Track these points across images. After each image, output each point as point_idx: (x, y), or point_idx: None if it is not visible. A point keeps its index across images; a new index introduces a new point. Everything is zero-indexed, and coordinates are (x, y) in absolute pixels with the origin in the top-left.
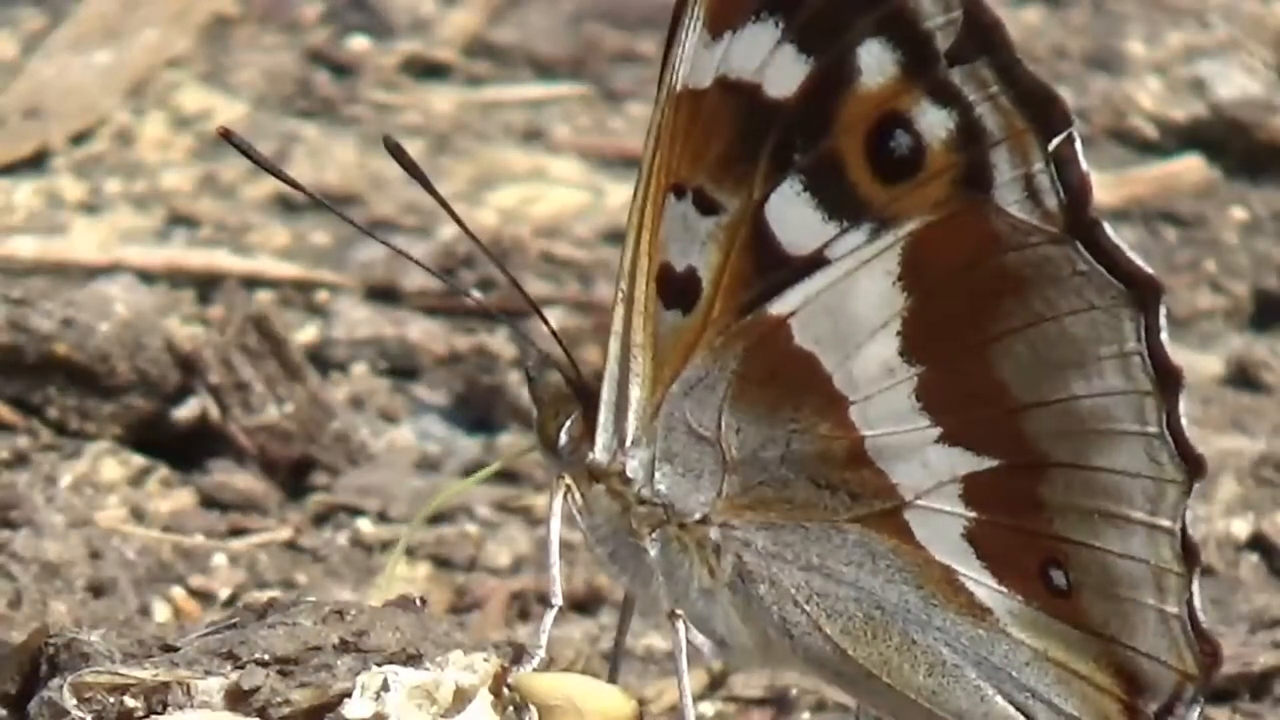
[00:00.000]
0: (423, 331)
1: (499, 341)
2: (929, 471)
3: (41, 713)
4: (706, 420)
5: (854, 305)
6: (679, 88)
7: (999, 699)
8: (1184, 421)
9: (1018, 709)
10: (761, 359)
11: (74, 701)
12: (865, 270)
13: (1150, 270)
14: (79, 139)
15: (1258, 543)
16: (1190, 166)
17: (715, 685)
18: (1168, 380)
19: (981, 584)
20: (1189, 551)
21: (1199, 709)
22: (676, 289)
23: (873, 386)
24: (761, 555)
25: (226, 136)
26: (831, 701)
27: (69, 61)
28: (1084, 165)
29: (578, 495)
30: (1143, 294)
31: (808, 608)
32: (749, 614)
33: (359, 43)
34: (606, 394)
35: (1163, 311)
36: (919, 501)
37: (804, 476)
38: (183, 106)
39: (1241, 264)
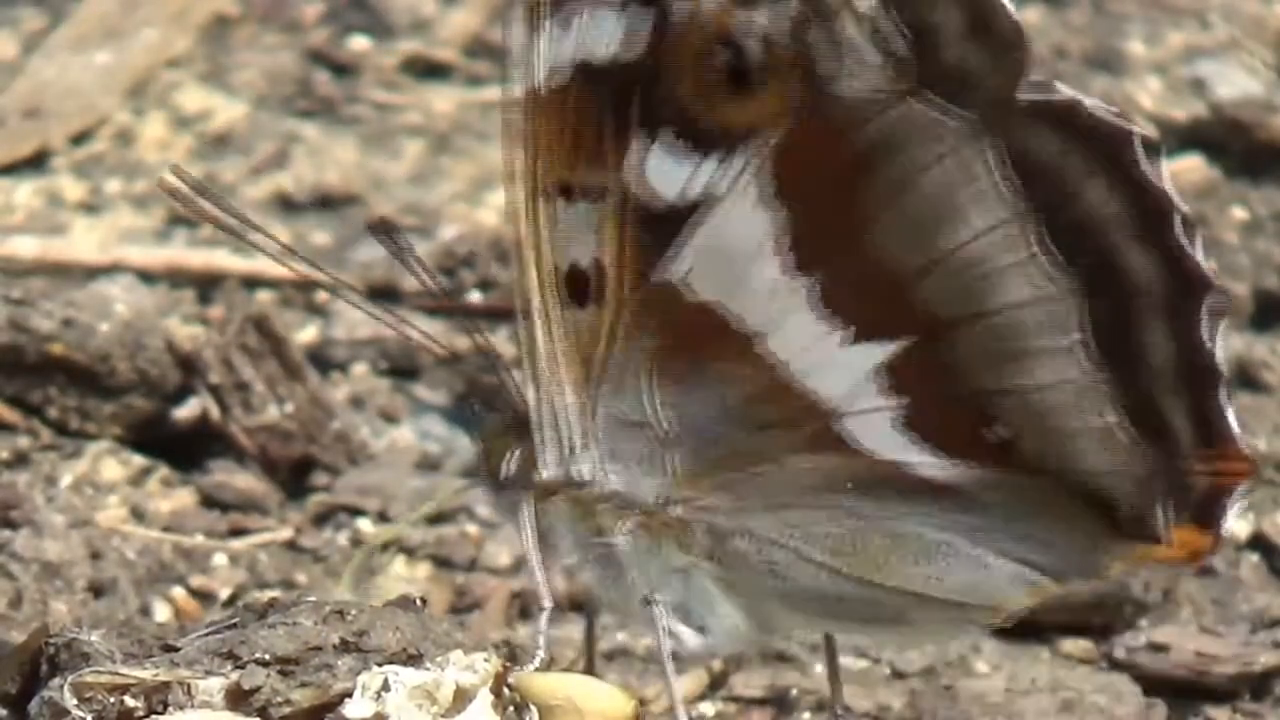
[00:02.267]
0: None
1: (499, 342)
2: (847, 375)
3: (42, 712)
4: (636, 407)
5: (730, 241)
6: (530, 89)
7: (997, 559)
8: None
9: (1019, 560)
10: (668, 327)
11: (74, 701)
12: (729, 203)
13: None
14: (79, 139)
15: (1258, 542)
16: (1190, 166)
17: (715, 685)
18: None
19: (932, 466)
20: (1202, 360)
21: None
22: (581, 286)
23: (775, 311)
24: (729, 513)
25: (169, 186)
26: (833, 702)
27: (69, 61)
28: (1010, 13)
29: (529, 517)
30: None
31: (788, 543)
32: (731, 577)
33: (359, 43)
34: (535, 412)
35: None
36: (846, 410)
37: (741, 427)
38: (183, 106)
39: (1242, 264)
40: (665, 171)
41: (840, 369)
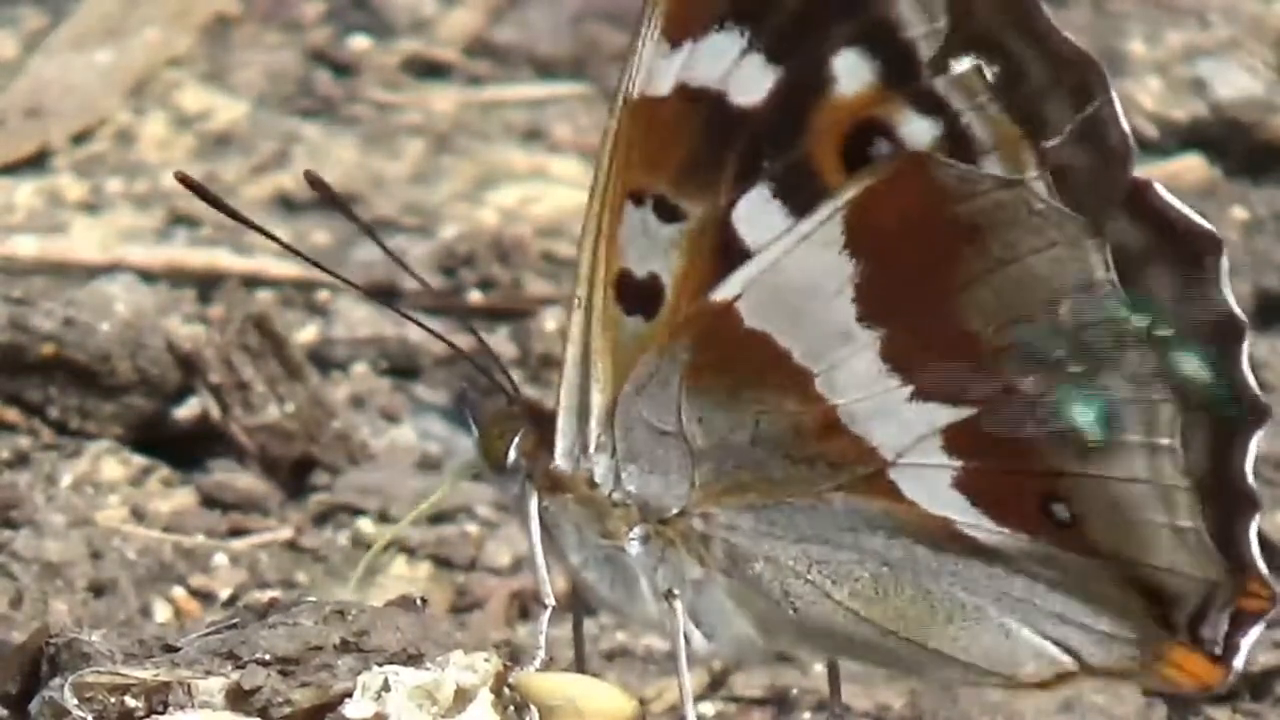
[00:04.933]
0: (423, 331)
1: (500, 341)
2: (907, 429)
3: (43, 712)
4: (665, 415)
5: (801, 279)
6: (635, 95)
7: (1025, 631)
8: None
9: (1046, 637)
10: (712, 347)
11: (75, 701)
12: (807, 243)
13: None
14: (80, 138)
15: (1258, 542)
16: (1191, 166)
17: (716, 685)
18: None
19: (982, 529)
20: (1241, 489)
21: (1252, 633)
22: (637, 295)
23: (835, 355)
24: (751, 536)
25: (184, 183)
26: (832, 702)
27: (70, 61)
28: (1125, 126)
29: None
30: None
31: (810, 577)
32: (746, 596)
33: (360, 42)
34: (566, 399)
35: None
36: (901, 460)
37: (778, 454)
38: (184, 106)
39: (1242, 263)
40: (754, 218)
41: (901, 422)
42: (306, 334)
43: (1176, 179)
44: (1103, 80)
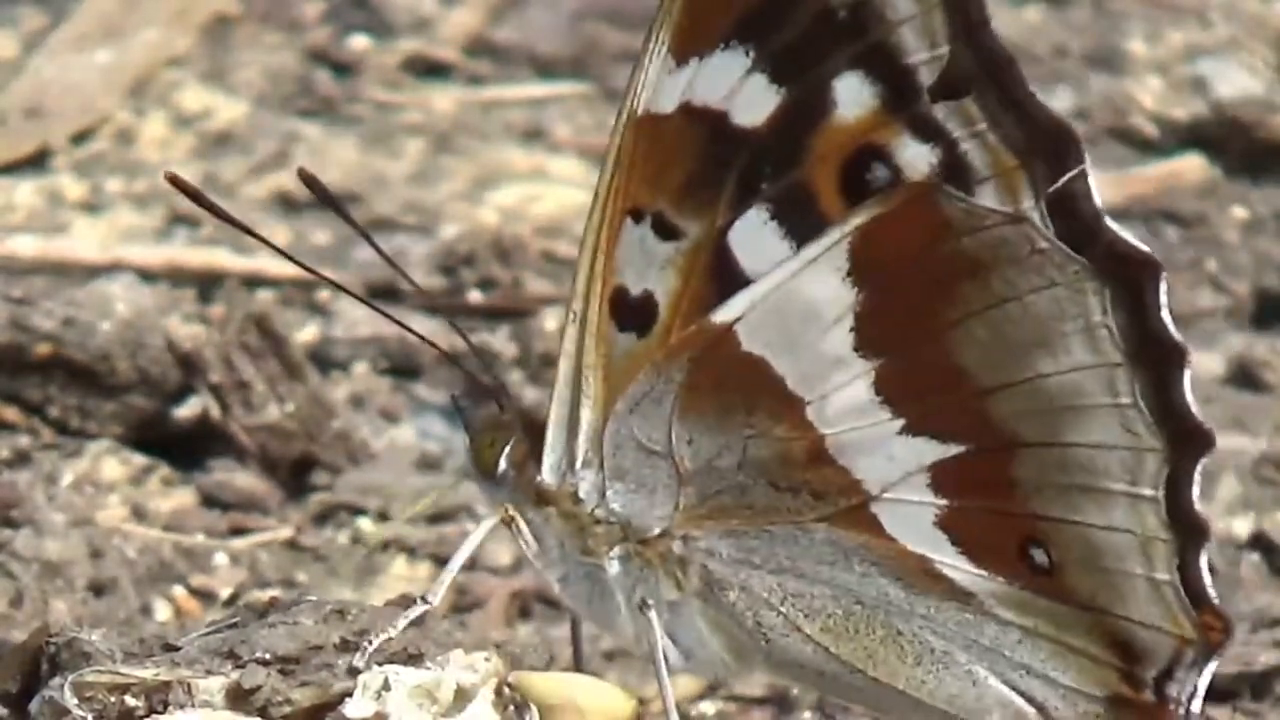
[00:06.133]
0: (423, 330)
1: (500, 340)
2: (894, 463)
3: (43, 712)
4: (656, 434)
5: (802, 305)
6: (640, 111)
7: (992, 680)
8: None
9: (1012, 688)
10: (708, 368)
11: (75, 701)
12: (812, 269)
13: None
14: (80, 138)
15: (1258, 542)
16: (1191, 165)
17: (715, 685)
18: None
19: (960, 570)
20: (1190, 519)
21: (1206, 673)
22: (632, 312)
23: (829, 384)
24: (729, 563)
25: (174, 183)
26: (832, 701)
27: (70, 61)
28: (1096, 200)
29: (523, 523)
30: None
31: (784, 609)
32: (720, 622)
33: (360, 42)
34: (556, 414)
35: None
36: (886, 495)
37: (763, 481)
38: (184, 106)
39: (1242, 263)
40: (750, 240)
41: (889, 456)
42: (306, 334)
43: (1176, 179)
44: (1079, 152)
